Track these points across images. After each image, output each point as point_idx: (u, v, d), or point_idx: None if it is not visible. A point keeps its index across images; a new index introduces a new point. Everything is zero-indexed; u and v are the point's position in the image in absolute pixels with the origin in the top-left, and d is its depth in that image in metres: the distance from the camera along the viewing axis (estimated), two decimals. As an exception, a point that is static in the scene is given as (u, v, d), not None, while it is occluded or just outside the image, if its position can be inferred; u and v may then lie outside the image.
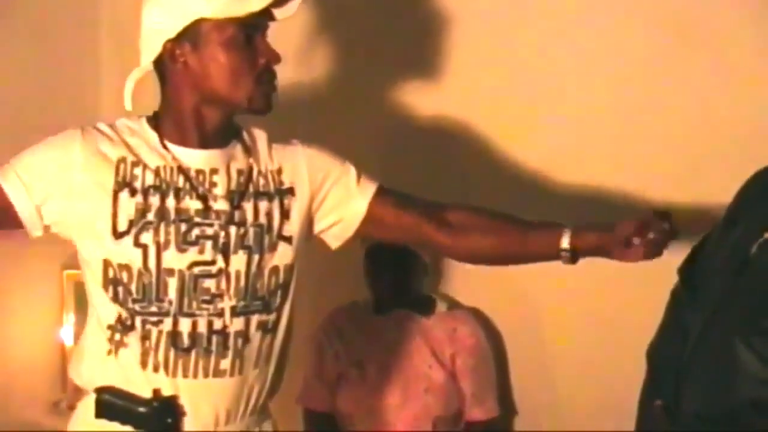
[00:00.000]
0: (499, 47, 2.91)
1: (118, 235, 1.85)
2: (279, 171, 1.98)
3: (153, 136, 1.91)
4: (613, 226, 1.93)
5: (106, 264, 1.87)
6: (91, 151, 1.86)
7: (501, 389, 3.02)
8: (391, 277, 2.95)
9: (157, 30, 1.86)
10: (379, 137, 3.10)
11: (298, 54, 3.01)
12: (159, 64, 1.89)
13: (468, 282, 3.10)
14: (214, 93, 1.86)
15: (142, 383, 1.88)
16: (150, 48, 1.87)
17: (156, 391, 1.87)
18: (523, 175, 2.90)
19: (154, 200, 1.87)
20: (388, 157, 3.00)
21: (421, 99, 3.04)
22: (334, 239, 2.08)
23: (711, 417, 1.86)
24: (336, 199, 2.02)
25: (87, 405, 1.94)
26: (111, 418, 1.88)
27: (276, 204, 1.95)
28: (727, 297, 1.88)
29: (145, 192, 1.87)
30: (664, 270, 2.24)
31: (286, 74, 1.98)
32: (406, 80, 3.04)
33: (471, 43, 2.95)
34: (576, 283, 2.84)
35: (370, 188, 2.04)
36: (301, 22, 3.00)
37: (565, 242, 1.96)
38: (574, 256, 1.97)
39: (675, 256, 2.18)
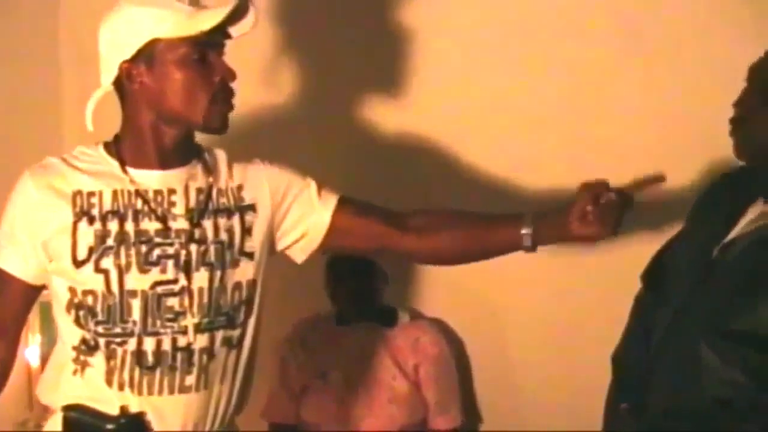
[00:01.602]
0: (462, 62, 2.95)
1: (78, 263, 1.88)
2: (239, 188, 2.00)
3: (110, 161, 1.93)
4: (568, 204, 1.93)
5: (71, 290, 1.90)
6: (44, 190, 1.90)
7: (465, 397, 3.06)
8: (351, 288, 2.98)
9: (113, 51, 1.88)
10: (346, 153, 3.13)
11: (265, 74, 3.04)
12: (118, 84, 1.91)
13: (430, 293, 3.14)
14: (170, 111, 1.88)
15: (109, 401, 1.90)
16: (108, 69, 1.90)
17: (123, 408, 1.89)
18: (487, 187, 2.93)
19: (113, 225, 1.89)
20: (356, 173, 3.02)
21: (386, 115, 3.07)
22: (300, 253, 2.10)
23: (676, 416, 1.92)
24: (298, 213, 2.05)
25: (54, 423, 1.96)
26: None
27: (237, 220, 1.97)
28: (690, 300, 1.94)
29: (104, 218, 1.89)
30: (624, 277, 2.31)
31: (254, 94, 1.99)
32: (371, 96, 3.07)
33: (433, 58, 2.99)
34: (537, 290, 2.90)
35: (332, 200, 2.07)
36: (268, 43, 3.03)
37: (526, 227, 1.96)
38: (535, 240, 1.97)
39: (636, 262, 2.26)
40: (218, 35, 1.88)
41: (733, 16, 2.51)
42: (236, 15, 1.88)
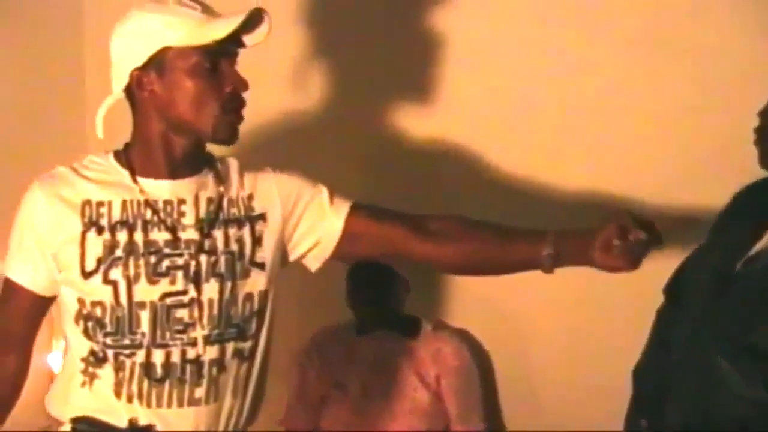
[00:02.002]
0: (488, 68, 2.94)
1: (86, 274, 1.87)
2: (250, 197, 1.98)
3: (120, 170, 1.92)
4: (595, 230, 1.86)
5: (80, 301, 1.89)
6: (53, 200, 1.89)
7: (489, 407, 3.04)
8: (372, 296, 2.96)
9: (124, 58, 1.87)
10: (372, 159, 3.12)
11: (293, 78, 3.05)
12: (129, 92, 1.90)
13: (455, 302, 3.12)
14: (180, 120, 1.87)
15: (117, 413, 1.89)
16: (119, 76, 1.89)
17: (132, 420, 1.88)
18: (512, 193, 2.91)
19: (122, 236, 1.88)
20: (380, 179, 3.03)
21: (412, 121, 3.06)
22: (314, 261, 2.07)
23: None
24: (310, 221, 2.02)
25: None
26: None
27: (247, 230, 1.95)
28: (710, 313, 1.90)
29: (113, 228, 1.88)
30: (648, 289, 2.27)
31: (282, 99, 1.98)
32: (396, 102, 3.06)
33: (460, 64, 2.98)
34: (561, 302, 2.88)
35: (344, 206, 2.04)
36: (295, 47, 3.03)
37: (548, 248, 1.90)
38: (555, 262, 1.92)
39: (658, 274, 2.21)
40: (231, 44, 1.87)
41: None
42: (250, 23, 1.86)
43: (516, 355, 3.05)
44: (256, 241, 1.96)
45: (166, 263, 1.88)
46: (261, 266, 1.96)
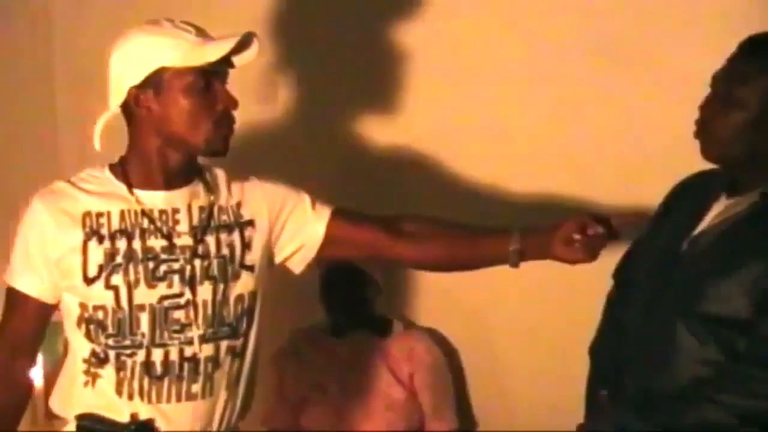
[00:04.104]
0: (454, 76, 3.03)
1: (89, 281, 1.97)
2: (239, 205, 2.09)
3: (116, 183, 2.02)
4: (557, 225, 2.05)
5: (82, 306, 1.99)
6: (55, 213, 1.98)
7: (459, 403, 3.12)
8: (344, 298, 3.05)
9: (122, 76, 1.97)
10: (339, 167, 3.20)
11: (259, 89, 3.10)
12: (126, 108, 2.00)
13: (423, 303, 3.21)
14: (175, 136, 1.98)
15: (119, 409, 1.98)
16: (117, 93, 1.99)
17: (133, 416, 1.97)
18: (478, 198, 3.01)
19: (121, 244, 1.98)
20: (349, 186, 3.08)
21: (379, 129, 3.14)
22: (298, 264, 2.19)
23: (654, 397, 2.05)
24: (294, 226, 2.14)
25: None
26: None
27: (237, 235, 2.07)
28: (662, 289, 2.08)
29: (112, 237, 1.98)
30: (601, 280, 2.40)
31: (248, 109, 2.08)
32: (363, 111, 3.14)
33: (426, 73, 3.07)
34: (524, 299, 2.96)
35: (325, 212, 2.16)
36: (262, 57, 3.09)
37: (514, 243, 2.07)
38: (521, 257, 2.08)
39: (608, 265, 2.36)
40: (222, 65, 1.98)
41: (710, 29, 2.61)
42: (240, 45, 1.97)
43: (484, 352, 3.14)
44: (246, 245, 2.07)
45: (163, 268, 1.99)
46: (250, 269, 2.07)
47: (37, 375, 3.28)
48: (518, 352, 3.06)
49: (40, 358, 3.24)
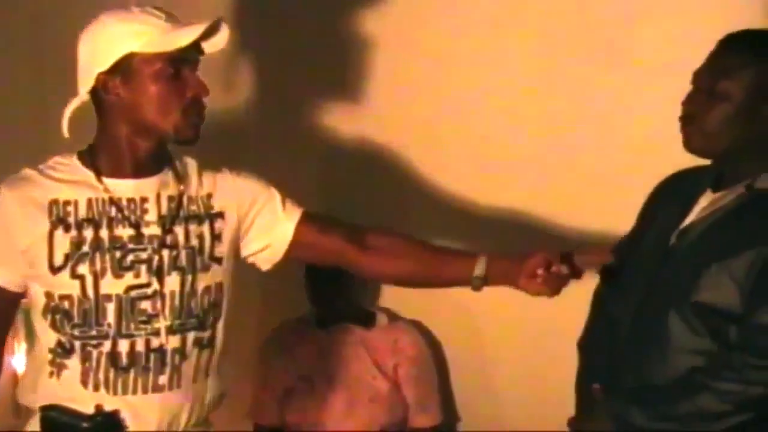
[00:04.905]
0: (423, 69, 3.02)
1: (54, 270, 1.95)
2: (209, 196, 2.07)
3: (84, 170, 2.00)
4: (523, 257, 2.08)
5: (48, 296, 1.97)
6: (21, 201, 1.96)
7: (443, 397, 3.11)
8: (330, 292, 3.04)
9: (91, 62, 1.95)
10: (307, 158, 3.20)
11: (225, 77, 3.11)
12: (95, 94, 1.98)
13: (407, 295, 3.15)
14: (144, 123, 1.95)
15: (85, 400, 1.96)
16: (85, 79, 1.97)
17: (98, 407, 1.95)
18: (447, 194, 3.02)
19: (88, 233, 1.96)
20: (318, 178, 3.11)
21: (346, 121, 3.14)
22: (264, 262, 2.17)
23: (648, 387, 2.08)
24: (262, 224, 2.12)
25: (34, 423, 2.02)
26: None
27: (206, 227, 2.05)
28: (654, 283, 2.11)
29: (79, 226, 1.96)
30: (587, 275, 2.38)
31: (215, 101, 2.07)
32: (331, 104, 3.14)
33: (392, 66, 3.06)
34: (510, 291, 2.94)
35: (295, 214, 2.14)
36: (229, 46, 3.10)
37: (479, 269, 2.10)
38: (484, 283, 2.11)
39: None
40: (193, 51, 1.96)
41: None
42: (210, 32, 1.95)
43: (468, 345, 3.13)
44: (215, 237, 2.05)
45: (130, 258, 1.97)
46: (219, 261, 2.05)
47: (19, 365, 3.29)
48: (503, 345, 3.05)
49: (23, 347, 3.27)
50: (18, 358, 3.28)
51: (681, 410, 2.01)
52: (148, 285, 1.97)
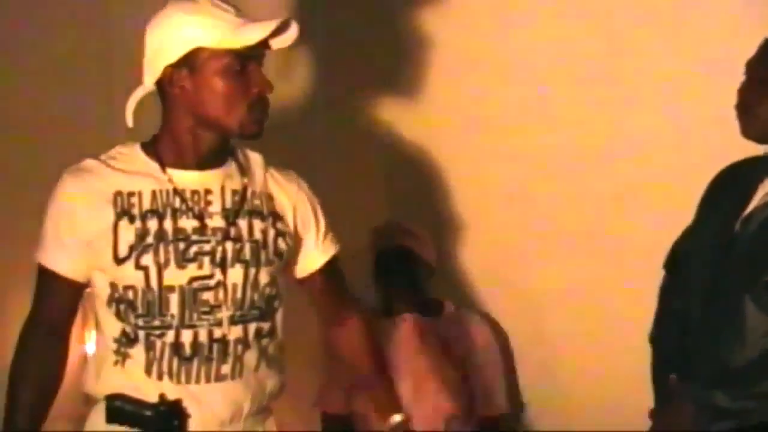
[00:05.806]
0: (476, 69, 3.07)
1: (119, 261, 1.96)
2: (270, 197, 2.08)
3: (148, 161, 2.01)
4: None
5: (112, 286, 1.99)
6: (86, 192, 1.98)
7: (509, 387, 3.12)
8: (401, 281, 3.06)
9: (158, 54, 1.96)
10: (371, 161, 3.28)
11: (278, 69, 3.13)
12: (160, 86, 1.99)
13: (476, 285, 3.22)
14: (208, 117, 1.96)
15: (148, 390, 1.97)
16: (152, 71, 1.98)
17: (162, 396, 1.95)
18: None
19: (152, 224, 1.97)
20: (365, 174, 3.19)
21: (397, 118, 3.19)
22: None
23: (729, 369, 2.15)
24: (302, 245, 2.16)
25: (98, 411, 2.04)
26: (120, 423, 1.96)
27: (270, 223, 2.06)
28: (722, 271, 2.18)
29: (143, 217, 1.97)
30: (654, 269, 2.41)
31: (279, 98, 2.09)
32: (394, 105, 3.19)
33: (448, 64, 3.10)
34: (576, 283, 2.96)
35: (327, 252, 2.19)
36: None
37: (394, 421, 2.22)
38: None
39: (660, 256, 2.40)
40: (259, 47, 1.96)
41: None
42: (279, 29, 1.95)
43: (533, 335, 3.14)
44: (279, 233, 2.07)
45: (194, 249, 1.98)
46: (281, 256, 2.07)
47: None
48: (569, 336, 3.05)
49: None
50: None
51: (758, 390, 2.09)
52: (210, 276, 1.99)
